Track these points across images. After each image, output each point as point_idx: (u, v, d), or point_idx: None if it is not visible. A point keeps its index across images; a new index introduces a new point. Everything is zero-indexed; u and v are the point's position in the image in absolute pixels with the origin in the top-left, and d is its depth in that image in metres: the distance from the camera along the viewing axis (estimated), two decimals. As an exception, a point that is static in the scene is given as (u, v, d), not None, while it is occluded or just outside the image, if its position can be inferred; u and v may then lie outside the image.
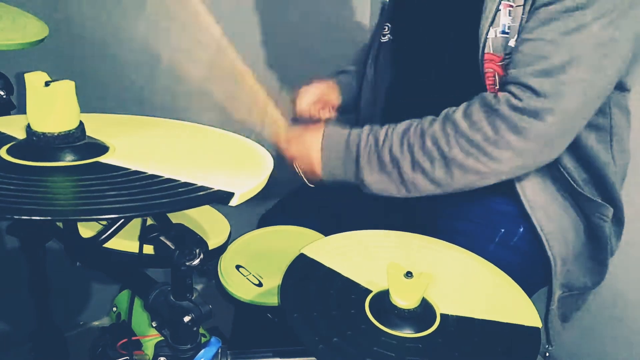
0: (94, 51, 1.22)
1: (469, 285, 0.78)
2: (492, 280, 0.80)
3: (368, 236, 0.87)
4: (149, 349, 0.85)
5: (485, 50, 0.91)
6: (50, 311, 0.90)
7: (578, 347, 1.34)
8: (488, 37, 0.90)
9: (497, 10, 0.89)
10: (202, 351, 0.69)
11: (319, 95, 1.22)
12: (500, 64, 0.91)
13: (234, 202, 0.53)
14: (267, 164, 0.61)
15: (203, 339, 0.71)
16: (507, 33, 0.90)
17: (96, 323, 1.44)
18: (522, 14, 0.88)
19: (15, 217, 0.47)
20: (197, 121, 0.75)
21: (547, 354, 1.07)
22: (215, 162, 0.63)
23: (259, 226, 1.16)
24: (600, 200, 1.01)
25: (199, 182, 0.54)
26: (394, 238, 0.86)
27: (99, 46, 1.22)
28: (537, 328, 0.69)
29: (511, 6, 0.89)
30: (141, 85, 1.31)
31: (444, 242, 0.87)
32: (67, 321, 1.39)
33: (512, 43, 0.90)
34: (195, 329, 0.67)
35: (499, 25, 0.90)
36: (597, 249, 1.07)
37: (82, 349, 0.91)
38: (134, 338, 0.86)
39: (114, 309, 1.02)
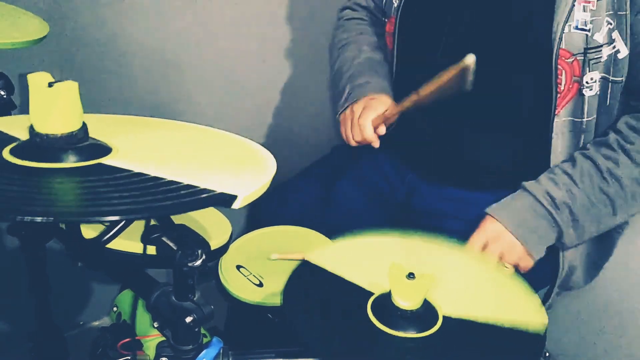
0: (95, 51, 1.21)
1: (471, 288, 0.78)
2: (495, 283, 0.80)
3: (371, 240, 0.87)
4: (150, 349, 0.85)
5: (561, 45, 0.91)
6: (50, 311, 0.89)
7: (577, 349, 1.34)
8: (563, 32, 0.90)
9: (572, 5, 0.89)
10: (204, 351, 0.69)
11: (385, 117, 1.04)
12: (570, 60, 0.91)
13: (236, 205, 0.52)
14: (270, 166, 0.61)
15: (204, 339, 0.71)
16: (584, 29, 0.90)
17: (96, 323, 1.44)
18: (614, 12, 0.89)
19: (19, 218, 0.47)
20: (201, 122, 0.75)
21: (547, 354, 1.08)
22: (218, 164, 0.63)
23: (252, 218, 1.16)
24: None
25: (202, 185, 0.54)
26: (397, 241, 0.86)
27: (100, 45, 1.22)
28: (540, 335, 0.69)
29: (587, 2, 0.89)
30: (144, 86, 1.31)
31: (446, 244, 0.87)
32: (67, 321, 1.39)
33: (597, 38, 0.90)
34: (197, 329, 0.67)
35: (573, 20, 0.90)
36: (602, 258, 1.09)
37: (82, 349, 0.91)
38: (135, 338, 0.86)
39: (114, 309, 1.01)
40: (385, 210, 1.15)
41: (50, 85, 0.56)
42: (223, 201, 0.53)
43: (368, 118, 1.03)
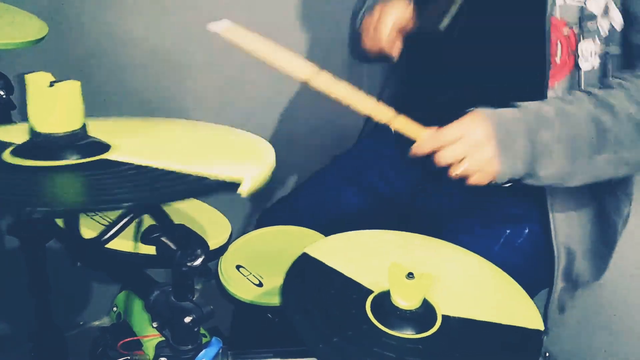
0: (94, 51, 1.22)
1: (471, 287, 0.78)
2: (495, 282, 0.80)
3: (370, 236, 0.87)
4: (149, 349, 0.85)
5: (553, 14, 0.89)
6: (50, 311, 0.90)
7: (577, 348, 1.34)
8: (556, 2, 0.89)
9: None
10: (203, 351, 0.69)
11: (401, 20, 0.99)
12: (566, 32, 0.89)
13: (245, 187, 0.53)
14: (269, 154, 0.62)
15: (204, 339, 0.71)
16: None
17: (96, 323, 1.44)
18: None
19: (38, 209, 0.48)
20: (198, 119, 0.75)
21: (547, 354, 1.08)
22: (220, 155, 0.63)
23: (258, 224, 1.16)
24: (623, 197, 1.01)
25: (208, 173, 0.54)
26: (397, 238, 0.86)
27: (99, 46, 1.22)
28: (539, 330, 0.69)
29: None
30: (144, 85, 1.31)
31: (446, 242, 0.87)
32: (67, 321, 1.39)
33: (591, 7, 0.88)
34: (196, 329, 0.67)
35: None
36: (604, 246, 1.07)
37: (82, 349, 0.91)
38: (134, 338, 0.86)
39: (114, 309, 1.02)
40: (389, 216, 1.15)
41: (51, 84, 0.56)
42: (231, 186, 0.53)
43: (387, 19, 0.98)
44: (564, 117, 0.86)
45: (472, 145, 0.84)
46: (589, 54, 0.91)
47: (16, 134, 0.62)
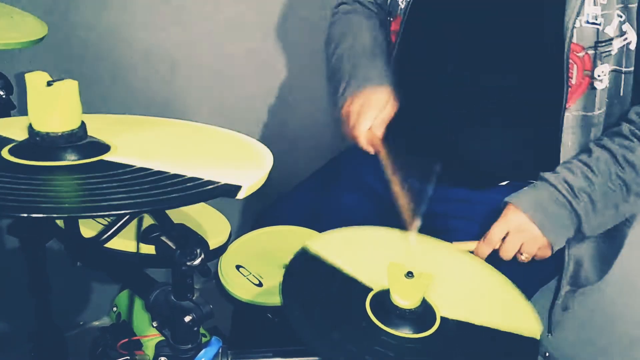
0: (93, 51, 1.22)
1: (470, 289, 0.78)
2: (494, 285, 0.80)
3: (371, 232, 0.87)
4: (149, 348, 0.85)
5: (572, 41, 0.91)
6: (50, 311, 0.90)
7: (577, 348, 1.34)
8: (575, 27, 0.91)
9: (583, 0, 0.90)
10: (203, 351, 0.69)
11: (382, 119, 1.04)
12: (580, 54, 0.92)
13: (241, 195, 0.53)
14: (266, 157, 0.62)
15: (204, 339, 0.71)
16: (595, 23, 0.91)
17: (96, 323, 1.44)
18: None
19: (33, 215, 0.47)
20: (198, 121, 0.75)
21: (547, 354, 1.08)
22: (217, 158, 0.63)
23: (256, 224, 1.16)
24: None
25: (205, 177, 0.54)
26: (397, 235, 0.86)
27: (98, 46, 1.22)
28: (535, 339, 0.69)
29: None
30: (142, 85, 1.31)
31: (445, 242, 0.87)
32: (67, 321, 1.39)
33: (608, 31, 0.91)
34: (196, 328, 0.67)
35: (584, 14, 0.90)
36: (611, 252, 1.09)
37: (82, 349, 0.91)
38: (134, 338, 0.86)
39: (114, 309, 1.02)
40: (388, 217, 1.15)
41: (49, 84, 0.56)
42: (227, 192, 0.53)
43: (367, 120, 1.03)
44: (593, 183, 0.94)
45: (521, 238, 0.95)
46: (604, 74, 0.94)
47: (15, 129, 0.62)
